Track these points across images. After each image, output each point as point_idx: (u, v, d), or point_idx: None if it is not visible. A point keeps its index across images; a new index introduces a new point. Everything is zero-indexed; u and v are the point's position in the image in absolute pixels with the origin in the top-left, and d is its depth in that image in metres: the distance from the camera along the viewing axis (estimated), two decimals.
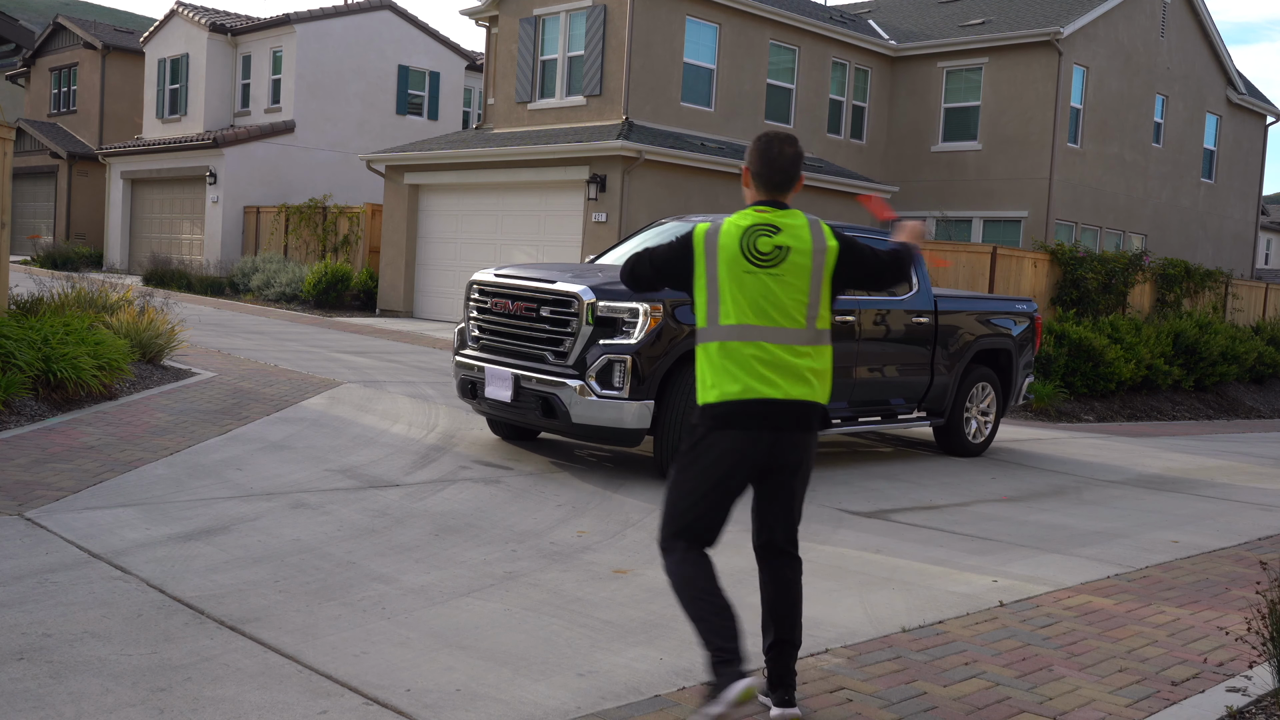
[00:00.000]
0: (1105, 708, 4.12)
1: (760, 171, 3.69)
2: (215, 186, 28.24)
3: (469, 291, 8.48)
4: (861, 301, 9.00)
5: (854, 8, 29.33)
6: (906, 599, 5.43)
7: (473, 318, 8.39)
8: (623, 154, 18.60)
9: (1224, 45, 27.31)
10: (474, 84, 33.28)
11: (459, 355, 8.43)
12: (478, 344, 8.29)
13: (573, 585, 5.26)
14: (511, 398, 7.73)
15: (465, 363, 8.28)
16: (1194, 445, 13.27)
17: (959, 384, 10.01)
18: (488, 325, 8.20)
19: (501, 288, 8.10)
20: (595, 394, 7.36)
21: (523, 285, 7.90)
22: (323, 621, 4.50)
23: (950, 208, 24.48)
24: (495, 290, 8.15)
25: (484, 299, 8.25)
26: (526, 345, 7.85)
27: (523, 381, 7.68)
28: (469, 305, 8.45)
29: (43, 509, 5.93)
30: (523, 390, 7.69)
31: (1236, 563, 6.70)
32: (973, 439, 10.32)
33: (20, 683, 3.72)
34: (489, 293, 8.20)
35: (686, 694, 4.00)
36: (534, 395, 7.62)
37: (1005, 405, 10.69)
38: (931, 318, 9.67)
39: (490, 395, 7.92)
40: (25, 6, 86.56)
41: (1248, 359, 19.93)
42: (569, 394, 7.44)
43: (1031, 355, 10.91)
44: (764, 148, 3.69)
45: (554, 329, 7.65)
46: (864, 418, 9.24)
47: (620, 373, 7.34)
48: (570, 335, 7.55)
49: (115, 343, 9.25)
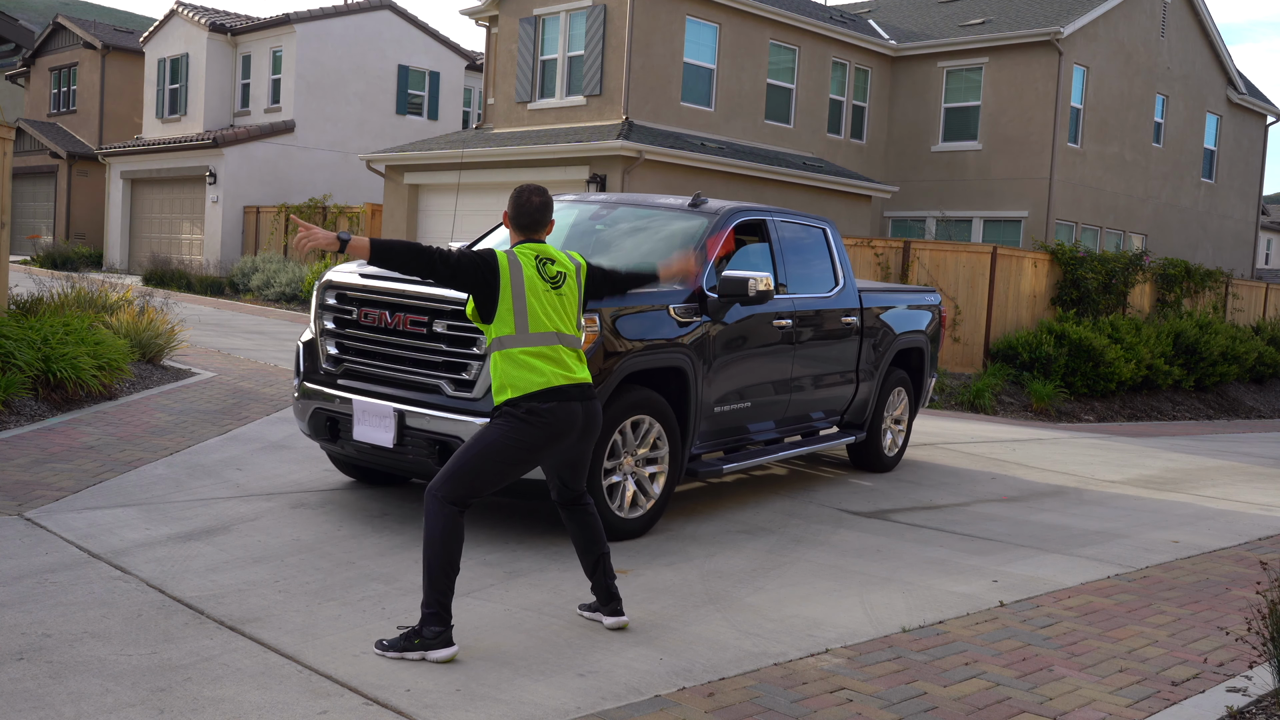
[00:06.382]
0: (1105, 708, 4.12)
1: (515, 217, 4.64)
2: (215, 186, 28.24)
3: (321, 296, 6.44)
4: (796, 301, 7.63)
5: (854, 8, 29.33)
6: (906, 599, 5.43)
7: (330, 332, 6.36)
8: (623, 154, 18.60)
9: (1224, 45, 27.31)
10: (474, 84, 33.28)
11: (307, 383, 6.39)
12: (339, 368, 6.30)
13: (573, 585, 5.26)
14: (394, 441, 5.85)
15: (321, 392, 6.27)
16: (1194, 445, 13.27)
17: (879, 391, 8.73)
18: (354, 344, 6.25)
19: (375, 293, 6.10)
20: None
21: (408, 291, 5.94)
22: (323, 621, 4.50)
23: (950, 208, 24.48)
24: (365, 297, 6.17)
25: (346, 308, 6.27)
26: (414, 371, 5.97)
27: (409, 419, 5.81)
28: (322, 316, 6.42)
29: (43, 509, 5.93)
30: (409, 431, 5.82)
31: (1237, 563, 6.70)
32: (888, 452, 9.00)
33: (20, 683, 3.72)
34: (355, 300, 6.22)
35: (686, 694, 4.00)
36: (426, 438, 5.77)
37: (915, 410, 9.46)
38: (858, 316, 8.34)
39: (362, 438, 5.98)
40: (25, 6, 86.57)
41: (1248, 359, 19.93)
42: None
43: (938, 352, 9.70)
44: (516, 198, 4.64)
45: (453, 349, 5.80)
46: (789, 439, 7.96)
47: None
48: (476, 358, 5.73)
49: (115, 343, 9.25)
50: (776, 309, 7.36)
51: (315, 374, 6.43)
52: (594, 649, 4.41)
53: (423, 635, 4.19)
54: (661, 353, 6.28)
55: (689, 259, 5.47)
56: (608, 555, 4.75)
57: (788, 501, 7.57)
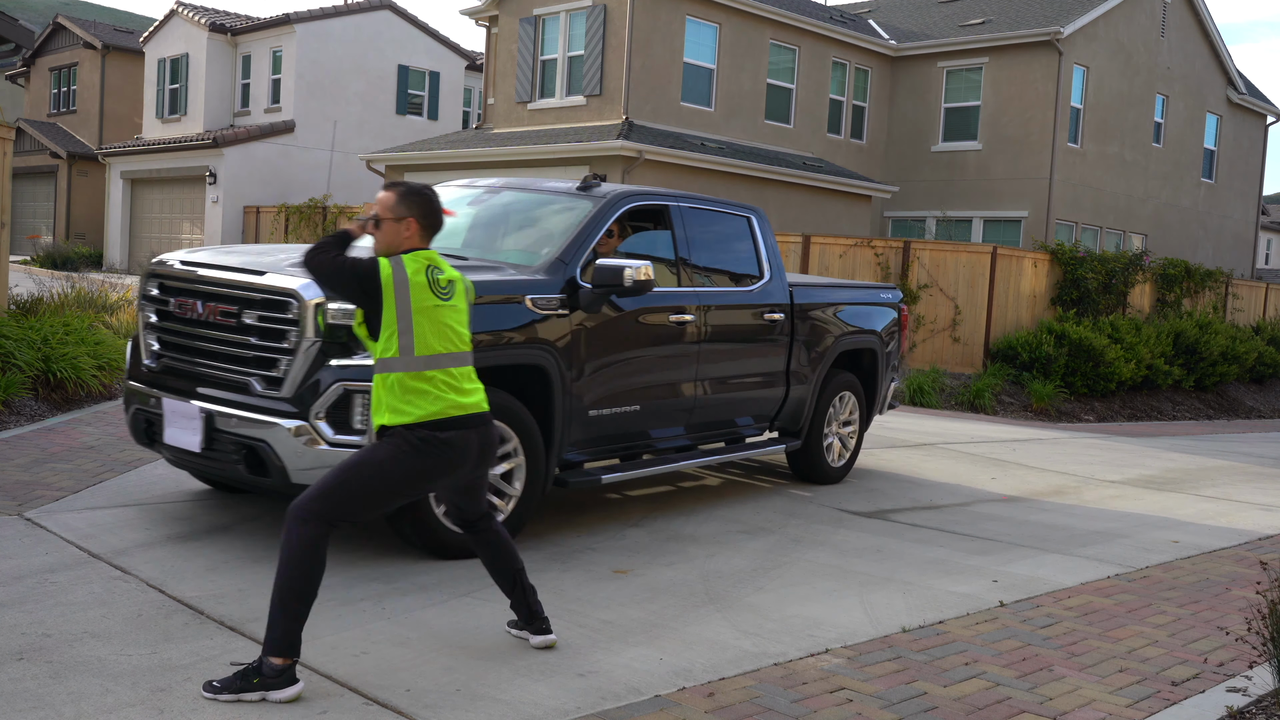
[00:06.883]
0: (1105, 708, 4.12)
1: (430, 224, 4.14)
2: (215, 186, 28.25)
3: (144, 286, 5.91)
4: (702, 295, 6.97)
5: (854, 8, 29.33)
6: (906, 599, 5.43)
7: (151, 326, 5.83)
8: (623, 154, 18.60)
9: (1224, 45, 27.32)
10: (474, 84, 33.28)
11: (131, 381, 5.92)
12: (158, 364, 5.75)
13: (573, 585, 5.26)
14: (202, 444, 5.31)
15: (140, 392, 5.75)
16: (1194, 445, 13.27)
17: (818, 395, 8.02)
18: (170, 338, 5.71)
19: (190, 281, 5.60)
20: (325, 440, 5.07)
21: (218, 279, 5.45)
22: (322, 621, 4.50)
23: (950, 208, 24.48)
24: (181, 286, 5.65)
25: (165, 298, 5.73)
26: (224, 368, 5.41)
27: (218, 421, 5.26)
28: (144, 308, 5.90)
29: (43, 509, 5.93)
30: (218, 435, 5.27)
31: (1237, 563, 6.70)
32: (834, 463, 8.32)
33: (20, 683, 3.72)
34: (173, 289, 5.70)
35: (686, 694, 4.00)
36: (235, 442, 5.23)
37: (869, 417, 8.76)
38: (787, 313, 7.67)
39: (172, 441, 5.47)
40: (25, 6, 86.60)
41: (1248, 359, 19.93)
42: (284, 440, 5.08)
43: (898, 354, 8.98)
44: (430, 203, 4.13)
45: (264, 343, 5.26)
46: (706, 445, 7.33)
47: (363, 407, 5.11)
48: (287, 352, 5.19)
49: (115, 343, 9.26)
50: (676, 302, 6.71)
51: (139, 372, 5.91)
52: (594, 649, 4.41)
53: (262, 673, 3.69)
54: (514, 349, 5.53)
55: (368, 225, 4.20)
56: (523, 572, 4.39)
57: (788, 501, 7.57)
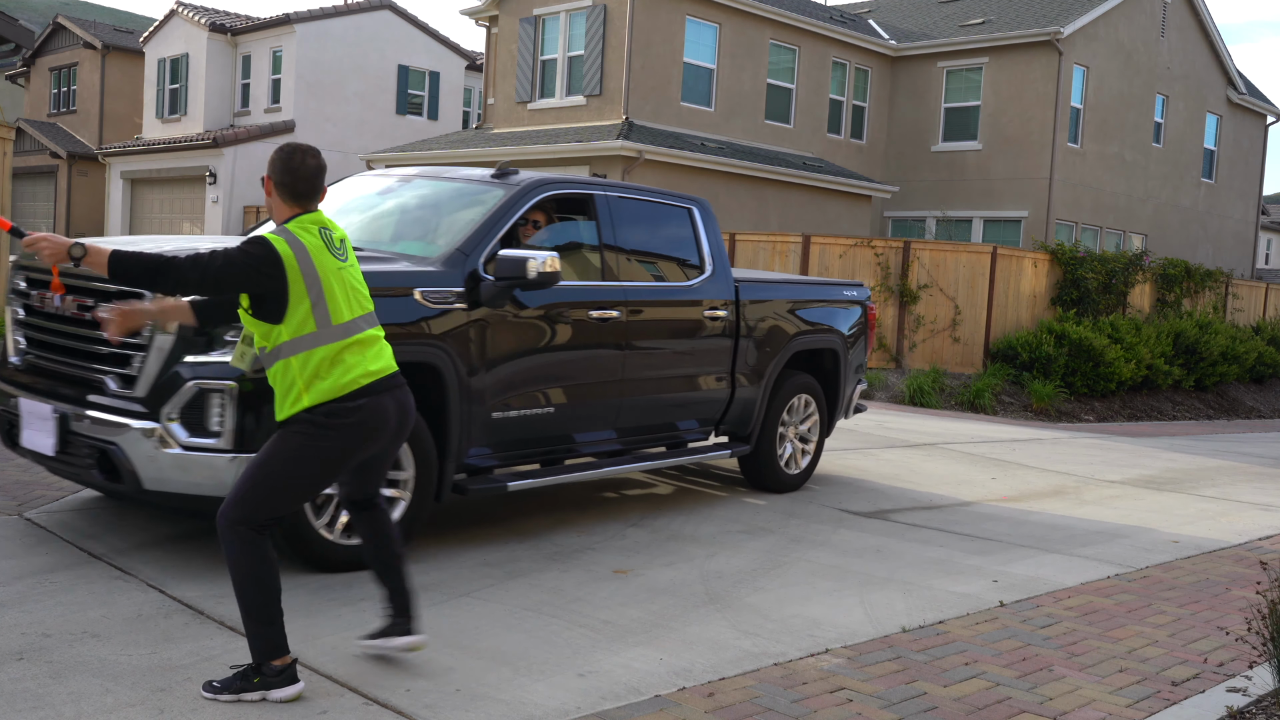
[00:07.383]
0: (1105, 708, 4.12)
1: (291, 184, 3.78)
2: (215, 186, 28.25)
3: (12, 280, 5.64)
4: (630, 290, 6.54)
5: (854, 8, 29.34)
6: (906, 599, 5.43)
7: (19, 321, 5.56)
8: (623, 154, 18.61)
9: (1224, 45, 27.32)
10: (474, 84, 33.28)
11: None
12: (22, 362, 5.48)
13: (573, 585, 5.26)
14: (56, 447, 4.99)
15: (2, 392, 5.44)
16: (1194, 445, 13.27)
17: (769, 397, 7.59)
18: (33, 333, 5.44)
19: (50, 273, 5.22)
20: (178, 442, 4.74)
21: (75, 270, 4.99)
22: (322, 621, 4.50)
23: (950, 208, 24.49)
24: (43, 278, 5.37)
25: (31, 290, 5.46)
26: (79, 365, 5.12)
27: (72, 423, 4.93)
28: (12, 303, 5.62)
29: (43, 509, 5.93)
30: (72, 437, 4.95)
31: (1237, 563, 6.70)
32: (789, 469, 7.87)
33: (20, 683, 3.72)
34: (37, 282, 5.42)
35: (686, 694, 4.00)
36: (88, 445, 4.89)
37: (831, 422, 8.32)
38: (732, 310, 7.23)
39: (28, 444, 5.17)
40: (25, 6, 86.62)
41: (1248, 359, 19.93)
42: (135, 442, 4.75)
43: (864, 355, 8.52)
44: (287, 159, 3.79)
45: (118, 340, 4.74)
46: (641, 449, 6.91)
47: (220, 407, 4.75)
48: (141, 348, 4.86)
49: None
50: (598, 297, 6.31)
51: (3, 371, 5.61)
52: (594, 649, 4.41)
53: (263, 673, 3.67)
54: (400, 346, 4.91)
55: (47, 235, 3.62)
56: (403, 558, 4.15)
57: (788, 501, 7.57)
